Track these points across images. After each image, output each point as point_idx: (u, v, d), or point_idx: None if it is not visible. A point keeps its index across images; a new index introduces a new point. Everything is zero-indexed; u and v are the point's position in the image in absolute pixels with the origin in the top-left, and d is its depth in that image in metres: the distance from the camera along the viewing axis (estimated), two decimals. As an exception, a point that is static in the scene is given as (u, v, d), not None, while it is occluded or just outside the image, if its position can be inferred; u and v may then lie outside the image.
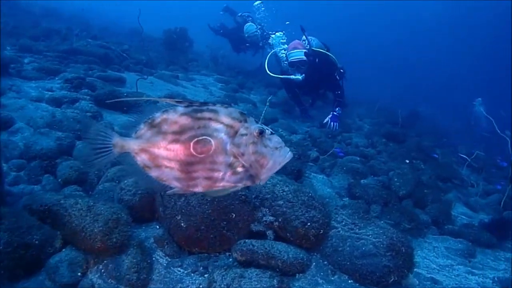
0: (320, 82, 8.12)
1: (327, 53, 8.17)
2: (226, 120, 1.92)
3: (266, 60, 8.25)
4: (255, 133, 1.93)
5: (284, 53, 8.27)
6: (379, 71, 31.35)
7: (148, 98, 2.16)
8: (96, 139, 1.99)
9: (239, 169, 1.97)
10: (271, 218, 3.24)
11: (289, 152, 2.05)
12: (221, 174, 1.97)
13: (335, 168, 5.27)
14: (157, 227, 3.32)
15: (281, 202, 3.27)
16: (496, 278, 4.21)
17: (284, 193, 3.33)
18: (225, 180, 1.99)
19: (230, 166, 1.96)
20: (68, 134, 4.40)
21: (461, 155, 7.81)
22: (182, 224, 3.05)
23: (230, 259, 3.08)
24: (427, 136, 9.92)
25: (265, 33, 11.98)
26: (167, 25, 12.57)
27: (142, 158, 1.98)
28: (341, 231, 3.39)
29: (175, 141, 1.92)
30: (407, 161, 6.43)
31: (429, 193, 5.38)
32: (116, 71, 8.35)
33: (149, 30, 15.12)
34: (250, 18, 12.93)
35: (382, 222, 3.59)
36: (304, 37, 8.15)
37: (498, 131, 6.42)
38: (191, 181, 1.98)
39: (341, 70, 8.67)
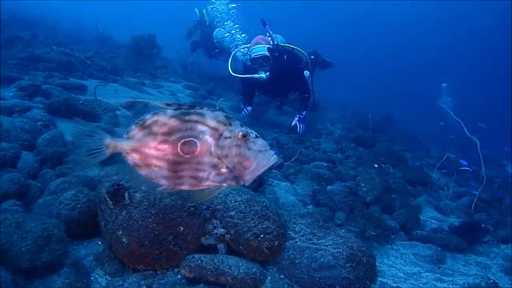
0: (287, 82, 7.55)
1: (296, 47, 7.66)
2: (212, 123, 2.03)
3: (230, 60, 7.58)
4: (239, 136, 2.03)
5: (244, 50, 7.64)
6: (372, 73, 31.08)
7: (142, 100, 2.32)
8: (89, 139, 2.09)
9: (223, 170, 2.07)
10: (222, 230, 3.02)
11: (274, 155, 2.13)
12: (206, 174, 2.07)
13: (300, 175, 5.05)
14: (100, 243, 3.07)
15: (233, 213, 3.06)
16: (466, 285, 4.06)
17: (236, 203, 3.11)
18: (210, 180, 2.09)
19: (215, 166, 2.06)
20: (14, 144, 4.10)
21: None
22: (124, 239, 2.81)
23: (179, 276, 2.85)
24: (399, 140, 9.85)
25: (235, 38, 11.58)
26: (141, 31, 12.34)
27: (133, 158, 2.09)
28: (298, 242, 3.19)
29: (164, 141, 2.03)
30: (376, 166, 6.28)
31: (397, 198, 5.23)
32: (79, 78, 8.04)
33: (121, 37, 14.81)
34: (219, 23, 12.41)
35: (343, 230, 3.41)
36: (268, 34, 7.44)
37: (467, 133, 6.33)
38: (178, 179, 2.10)
39: (311, 57, 8.18)
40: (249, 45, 7.41)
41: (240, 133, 2.04)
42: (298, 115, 7.45)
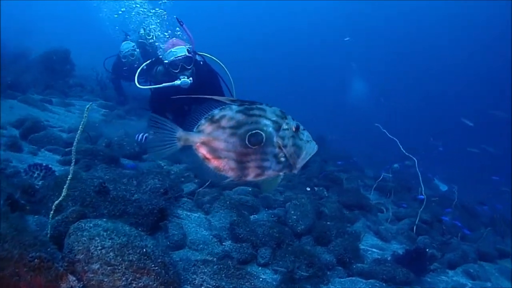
0: (208, 92, 6.39)
1: (213, 57, 6.49)
2: (273, 116, 2.25)
3: (138, 72, 6.41)
4: (293, 128, 2.27)
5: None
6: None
7: (212, 97, 2.32)
8: (163, 132, 2.26)
9: (282, 159, 2.28)
10: (81, 292, 2.05)
11: (316, 145, 2.38)
12: (269, 163, 2.28)
13: (217, 203, 4.11)
14: None
15: (96, 266, 2.09)
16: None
17: (104, 251, 2.14)
18: (272, 169, 2.30)
19: (276, 156, 2.28)
20: None
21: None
22: None
23: None
24: (333, 160, 9.29)
25: (148, 48, 10.26)
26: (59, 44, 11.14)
27: (202, 150, 2.27)
28: (197, 302, 2.28)
29: (233, 134, 2.21)
30: (308, 189, 5.55)
31: (333, 226, 4.47)
32: (-32, 93, 6.81)
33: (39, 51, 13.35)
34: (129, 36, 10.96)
35: (262, 279, 2.54)
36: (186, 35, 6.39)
37: (403, 151, 5.76)
38: (244, 170, 2.28)
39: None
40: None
41: (295, 125, 2.29)
42: None
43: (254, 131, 2.20)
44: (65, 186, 2.45)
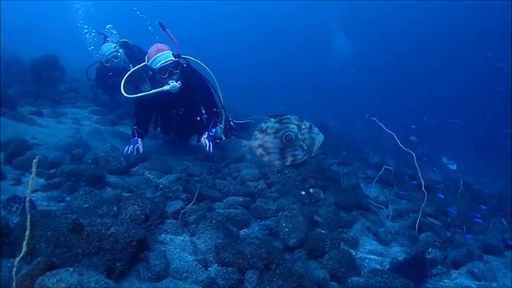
0: (197, 93, 6.40)
1: (196, 59, 6.47)
2: (296, 122, 3.52)
3: (124, 80, 6.19)
4: (308, 127, 3.51)
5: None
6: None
7: (260, 116, 3.61)
8: (236, 144, 3.68)
9: (305, 148, 3.55)
10: None
11: (322, 136, 3.63)
12: (297, 152, 3.56)
13: (203, 222, 3.94)
14: None
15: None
16: None
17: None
18: (300, 155, 3.57)
19: (301, 147, 3.54)
20: None
21: None
22: None
23: None
24: (333, 151, 9.07)
25: (132, 47, 9.95)
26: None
27: (259, 150, 3.57)
28: None
29: (275, 137, 3.51)
30: (303, 193, 5.34)
31: (327, 235, 4.29)
32: None
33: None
34: (108, 37, 10.47)
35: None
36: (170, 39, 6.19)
37: (401, 146, 5.54)
38: (284, 159, 3.57)
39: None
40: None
41: (308, 125, 3.50)
42: (207, 132, 6.31)
43: (287, 133, 3.50)
44: (24, 242, 2.30)
